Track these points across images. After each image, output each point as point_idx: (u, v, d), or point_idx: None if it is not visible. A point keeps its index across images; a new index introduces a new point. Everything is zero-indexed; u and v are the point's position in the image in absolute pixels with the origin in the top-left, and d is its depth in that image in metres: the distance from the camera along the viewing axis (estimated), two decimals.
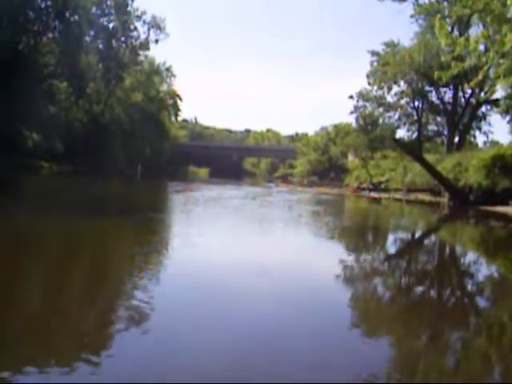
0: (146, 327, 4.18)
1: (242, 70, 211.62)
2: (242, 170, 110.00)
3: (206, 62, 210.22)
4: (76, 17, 47.23)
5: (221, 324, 4.40)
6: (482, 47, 16.69)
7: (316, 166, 75.30)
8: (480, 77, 16.92)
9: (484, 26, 20.06)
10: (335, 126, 75.79)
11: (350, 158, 61.57)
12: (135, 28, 53.59)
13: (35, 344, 3.73)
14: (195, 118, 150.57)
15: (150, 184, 37.28)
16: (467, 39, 15.10)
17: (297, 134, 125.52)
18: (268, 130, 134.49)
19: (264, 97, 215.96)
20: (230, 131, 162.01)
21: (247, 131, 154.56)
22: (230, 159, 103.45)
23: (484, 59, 16.38)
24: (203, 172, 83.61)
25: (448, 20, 22.94)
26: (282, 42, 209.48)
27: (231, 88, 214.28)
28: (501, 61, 15.07)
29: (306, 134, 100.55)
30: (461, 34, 29.67)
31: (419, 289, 7.15)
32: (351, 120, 57.21)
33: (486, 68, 16.12)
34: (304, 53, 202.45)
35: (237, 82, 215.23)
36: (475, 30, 29.99)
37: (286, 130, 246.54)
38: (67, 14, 45.59)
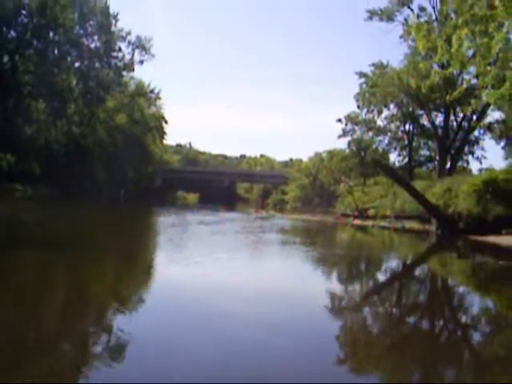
0: None
1: (241, 95, 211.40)
2: (235, 196, 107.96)
3: (204, 86, 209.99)
4: (56, 36, 45.94)
5: None
6: (469, 54, 14.74)
7: (307, 192, 73.66)
8: (464, 86, 14.96)
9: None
10: (329, 152, 73.98)
11: (342, 184, 59.84)
12: (119, 49, 52.17)
13: None
14: (189, 143, 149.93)
15: (127, 210, 35.39)
16: (449, 41, 13.11)
17: (291, 160, 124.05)
18: (262, 156, 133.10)
19: (260, 122, 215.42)
20: (225, 157, 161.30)
21: (242, 157, 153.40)
22: (221, 184, 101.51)
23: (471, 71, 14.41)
24: (193, 197, 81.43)
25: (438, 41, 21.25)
26: (282, 67, 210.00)
27: (228, 113, 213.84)
28: (488, 68, 13.13)
29: (300, 160, 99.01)
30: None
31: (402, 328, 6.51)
32: (345, 145, 55.51)
33: (469, 77, 14.19)
34: (302, 78, 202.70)
35: (233, 107, 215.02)
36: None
37: (280, 155, 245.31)
38: (46, 33, 44.22)
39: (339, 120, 47.51)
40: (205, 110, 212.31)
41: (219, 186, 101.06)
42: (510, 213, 20.87)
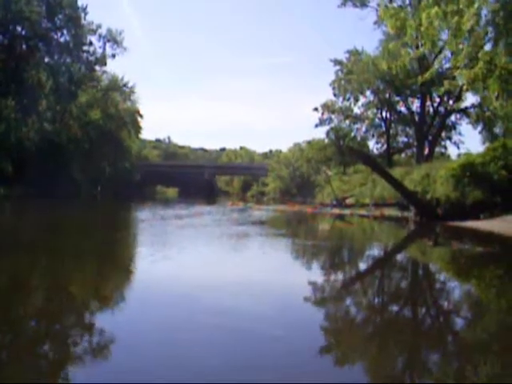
0: None
1: (219, 88, 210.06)
2: (215, 189, 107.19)
3: (181, 80, 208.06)
4: (23, 31, 44.60)
5: None
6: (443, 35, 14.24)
7: (287, 183, 73.29)
8: (436, 66, 14.52)
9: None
10: (308, 142, 73.64)
11: (321, 173, 59.53)
12: (90, 42, 50.92)
13: None
14: (168, 138, 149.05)
15: (101, 207, 34.72)
16: (420, 23, 12.57)
17: (271, 152, 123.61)
18: (241, 148, 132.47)
19: (240, 115, 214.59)
20: (205, 150, 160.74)
21: (222, 150, 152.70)
22: (201, 178, 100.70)
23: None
24: (172, 192, 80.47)
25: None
26: (258, 58, 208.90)
27: (206, 107, 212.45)
28: (461, 47, 12.64)
29: (280, 151, 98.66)
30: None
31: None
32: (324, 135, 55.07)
33: (441, 59, 13.70)
34: (281, 69, 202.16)
35: (211, 100, 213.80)
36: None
37: (261, 147, 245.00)
38: (12, 28, 42.85)
39: (316, 109, 47.05)
40: (183, 104, 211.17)
41: (199, 179, 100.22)
42: (487, 197, 20.64)
